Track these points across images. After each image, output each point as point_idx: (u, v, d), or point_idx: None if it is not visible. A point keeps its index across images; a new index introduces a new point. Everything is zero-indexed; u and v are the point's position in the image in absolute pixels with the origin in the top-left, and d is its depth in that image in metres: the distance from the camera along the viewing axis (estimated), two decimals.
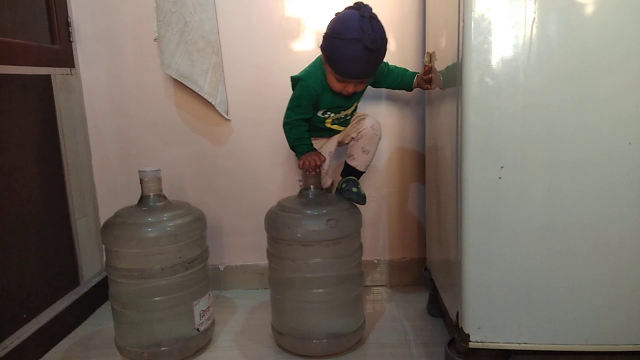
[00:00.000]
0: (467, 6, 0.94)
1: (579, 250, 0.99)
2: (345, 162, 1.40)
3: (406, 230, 1.68)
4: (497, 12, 0.93)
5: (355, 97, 1.34)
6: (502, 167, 0.96)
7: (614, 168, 0.96)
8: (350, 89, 1.24)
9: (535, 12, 0.92)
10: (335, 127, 1.39)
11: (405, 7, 1.53)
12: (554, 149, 0.96)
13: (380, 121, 1.39)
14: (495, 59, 0.94)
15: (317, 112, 1.33)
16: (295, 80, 1.32)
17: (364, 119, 1.37)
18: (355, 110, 1.39)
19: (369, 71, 1.23)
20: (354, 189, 1.33)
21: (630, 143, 0.93)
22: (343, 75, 1.21)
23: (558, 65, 0.94)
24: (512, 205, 0.99)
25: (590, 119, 0.95)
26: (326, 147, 1.42)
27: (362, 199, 1.33)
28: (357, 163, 1.38)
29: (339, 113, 1.34)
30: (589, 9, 0.92)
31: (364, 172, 1.40)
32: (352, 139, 1.37)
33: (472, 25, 0.94)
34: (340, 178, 1.40)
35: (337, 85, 1.25)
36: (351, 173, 1.38)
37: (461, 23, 0.96)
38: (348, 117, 1.38)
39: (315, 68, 1.30)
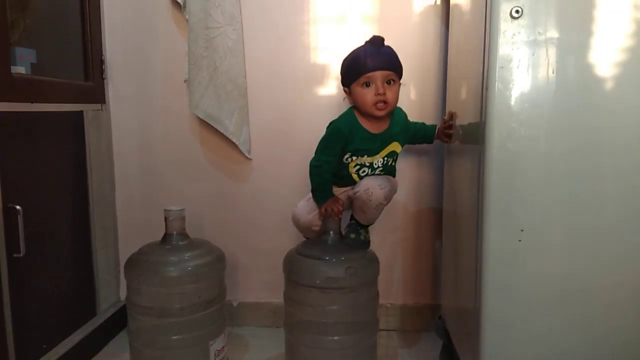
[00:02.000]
0: (491, 74, 0.98)
1: (597, 316, 1.01)
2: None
3: (420, 275, 1.69)
4: (521, 81, 0.97)
5: (384, 138, 1.32)
6: (522, 230, 0.99)
7: (632, 238, 0.98)
8: (380, 89, 1.23)
9: (556, 86, 0.96)
10: (355, 177, 1.35)
11: (427, 59, 1.58)
12: (574, 215, 0.99)
13: (398, 168, 1.40)
14: (516, 126, 0.98)
15: (343, 156, 1.32)
16: (328, 125, 1.35)
17: (366, 179, 1.32)
18: (383, 168, 1.35)
19: (385, 61, 1.25)
20: (352, 235, 1.33)
21: None
22: (365, 69, 1.24)
23: (578, 136, 0.97)
24: (531, 269, 1.01)
25: (609, 188, 0.98)
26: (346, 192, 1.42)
27: (361, 245, 1.33)
28: (359, 218, 1.36)
29: (362, 157, 1.32)
30: (608, 85, 0.97)
31: (370, 224, 1.39)
32: (350, 197, 1.34)
33: (496, 93, 0.97)
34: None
35: (367, 95, 1.25)
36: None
37: (485, 88, 1.00)
38: (373, 169, 1.35)
39: (345, 113, 1.34)
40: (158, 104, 1.67)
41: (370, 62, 1.24)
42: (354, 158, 1.33)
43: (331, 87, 1.61)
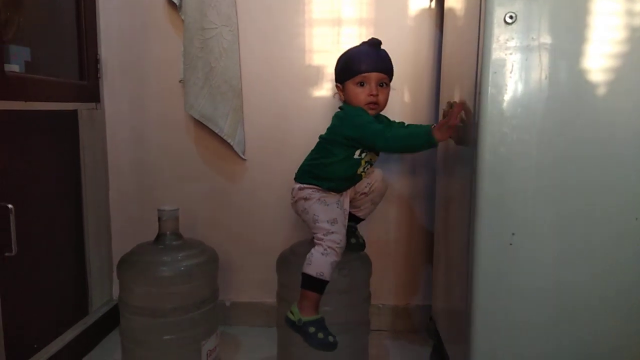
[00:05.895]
0: (484, 79, 0.99)
1: (587, 315, 1.03)
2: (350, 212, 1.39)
3: (412, 276, 1.70)
4: (513, 86, 0.98)
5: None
6: (513, 233, 1.00)
7: (621, 242, 1.00)
8: (374, 90, 1.25)
9: (548, 91, 0.97)
10: (363, 175, 1.33)
11: (421, 62, 1.59)
12: (565, 217, 1.01)
13: (391, 170, 1.41)
14: (509, 130, 0.99)
15: (354, 153, 1.28)
16: (343, 111, 1.31)
17: (372, 172, 1.37)
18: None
19: (381, 64, 1.28)
20: (352, 240, 1.37)
21: (637, 219, 0.98)
22: (361, 69, 1.25)
23: (569, 140, 0.99)
24: (521, 270, 1.02)
25: (599, 195, 1.00)
26: (343, 204, 1.37)
27: (360, 248, 1.41)
28: (364, 213, 1.40)
29: (370, 152, 1.30)
30: (599, 90, 0.98)
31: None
32: (364, 194, 1.36)
33: (489, 98, 0.98)
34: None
35: (361, 95, 1.26)
36: (352, 219, 1.39)
37: (478, 93, 1.01)
38: (371, 166, 1.35)
39: (355, 107, 1.30)
40: (153, 104, 1.67)
41: (367, 63, 1.26)
42: (364, 155, 1.29)
43: (326, 89, 1.62)
